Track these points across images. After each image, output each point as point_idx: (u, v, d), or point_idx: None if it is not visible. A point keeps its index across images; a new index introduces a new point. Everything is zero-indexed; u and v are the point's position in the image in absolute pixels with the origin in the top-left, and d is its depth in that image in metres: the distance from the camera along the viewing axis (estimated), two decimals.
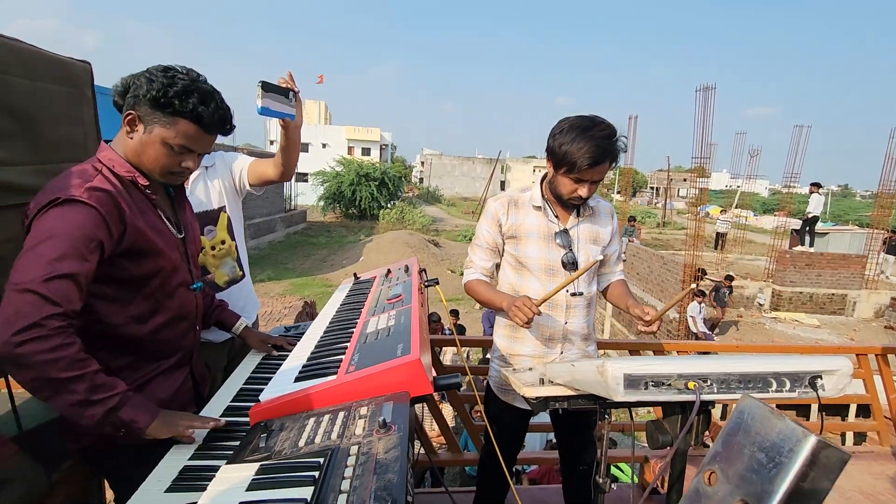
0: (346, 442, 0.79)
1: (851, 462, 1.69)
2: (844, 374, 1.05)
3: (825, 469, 0.31)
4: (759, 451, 0.33)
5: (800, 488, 0.30)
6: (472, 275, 1.82)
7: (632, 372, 1.00)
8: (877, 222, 15.80)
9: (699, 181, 14.42)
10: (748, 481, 0.32)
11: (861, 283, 12.70)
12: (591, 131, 1.51)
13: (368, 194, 26.82)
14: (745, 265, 15.28)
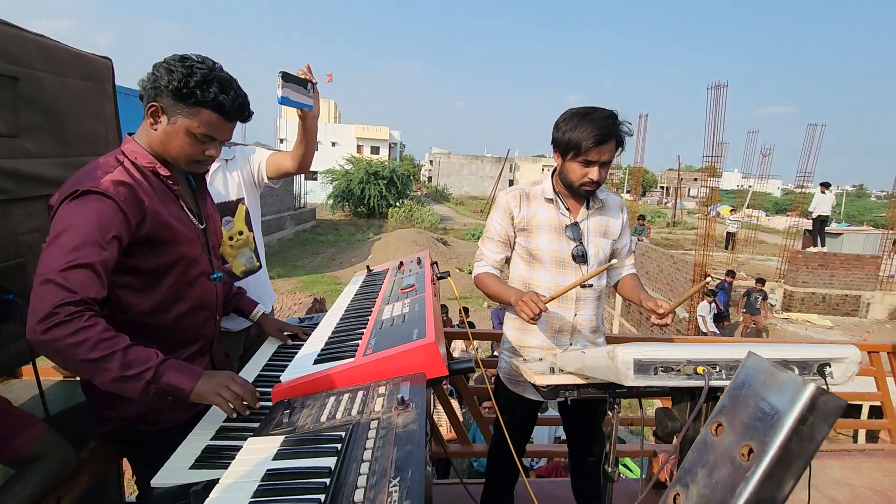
0: (366, 417, 0.82)
1: (862, 459, 1.71)
2: (852, 363, 1.07)
3: (823, 414, 0.33)
4: (762, 402, 0.35)
5: (799, 430, 0.32)
6: (482, 268, 1.84)
7: (642, 357, 1.02)
8: (892, 223, 15.56)
9: (710, 181, 14.31)
10: (752, 428, 0.35)
11: (875, 285, 12.53)
12: (592, 114, 1.56)
13: (377, 193, 26.97)
14: (756, 265, 15.14)
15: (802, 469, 0.34)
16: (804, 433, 0.33)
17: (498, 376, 1.92)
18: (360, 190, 26.95)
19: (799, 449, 0.33)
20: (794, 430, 0.33)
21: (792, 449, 0.33)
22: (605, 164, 1.63)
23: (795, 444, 0.33)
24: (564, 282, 1.73)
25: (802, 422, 0.33)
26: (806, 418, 0.33)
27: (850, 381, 1.08)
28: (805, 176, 17.14)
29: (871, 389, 2.94)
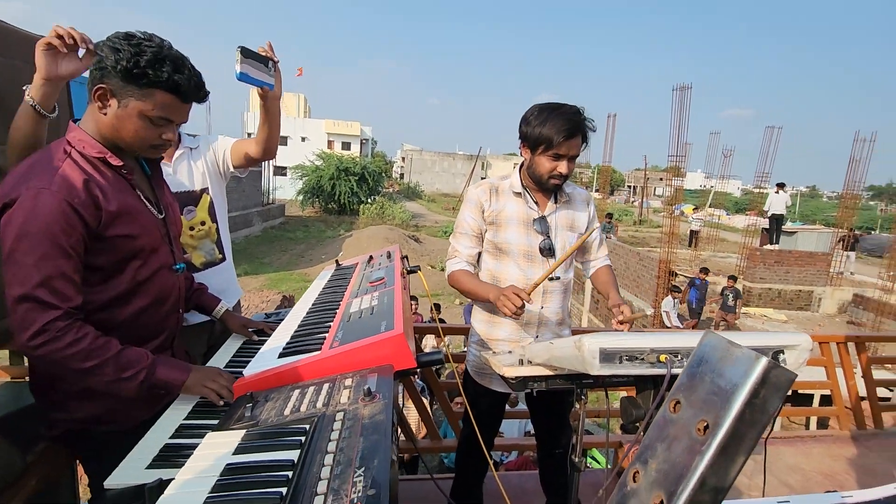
0: (332, 409, 0.80)
1: (813, 445, 1.80)
2: (804, 349, 1.11)
3: (775, 387, 0.34)
4: (718, 377, 0.36)
5: (752, 403, 0.33)
6: (456, 265, 1.84)
7: (607, 346, 1.04)
8: (841, 222, 16.45)
9: (675, 180, 14.77)
10: (709, 403, 0.36)
11: (826, 280, 13.21)
12: (559, 109, 1.59)
13: (348, 189, 26.64)
14: (717, 262, 15.70)
15: (755, 441, 0.35)
16: (757, 406, 0.34)
17: (466, 370, 1.93)
18: (331, 186, 26.57)
19: (752, 420, 0.34)
20: (747, 404, 0.33)
21: (745, 421, 0.34)
22: (572, 158, 1.65)
23: (749, 416, 0.34)
24: (533, 275, 1.75)
25: (755, 395, 0.34)
26: (758, 391, 0.34)
27: (802, 368, 1.13)
28: (762, 176, 17.90)
29: (822, 379, 3.10)
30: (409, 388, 2.47)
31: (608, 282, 1.85)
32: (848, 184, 15.94)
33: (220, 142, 1.81)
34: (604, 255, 1.94)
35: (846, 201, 16.59)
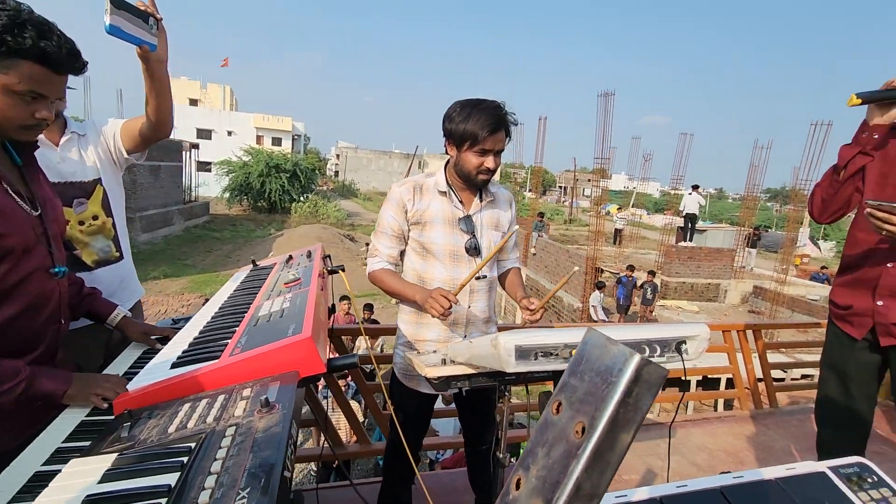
0: (224, 424, 0.73)
1: (718, 426, 1.91)
2: (703, 339, 1.18)
3: (647, 384, 0.34)
4: (595, 376, 0.35)
5: (626, 402, 0.33)
6: (377, 264, 1.79)
7: (522, 343, 1.04)
8: (744, 221, 18.16)
9: (602, 182, 15.58)
10: (586, 403, 0.35)
11: (731, 274, 14.51)
12: (482, 105, 1.58)
13: (279, 186, 25.55)
14: (639, 259, 16.75)
15: (628, 442, 0.34)
16: (630, 405, 0.33)
17: (393, 372, 1.88)
18: (260, 183, 25.35)
19: (626, 420, 0.33)
20: (620, 403, 0.33)
21: (619, 422, 0.33)
22: (498, 153, 1.65)
23: (622, 416, 0.33)
24: (459, 275, 1.74)
25: (628, 393, 0.33)
26: (631, 390, 0.33)
27: (712, 355, 1.20)
28: (677, 179, 19.37)
29: (726, 364, 3.38)
30: (337, 393, 2.38)
31: (517, 283, 1.89)
32: (749, 186, 17.65)
33: (110, 125, 1.64)
34: (516, 257, 1.97)
35: (747, 202, 18.36)
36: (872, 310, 1.54)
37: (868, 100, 1.44)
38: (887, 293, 1.51)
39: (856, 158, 1.54)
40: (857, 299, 1.58)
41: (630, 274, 11.61)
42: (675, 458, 2.71)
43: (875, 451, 2.78)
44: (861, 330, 1.58)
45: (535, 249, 14.54)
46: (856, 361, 1.63)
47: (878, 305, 1.53)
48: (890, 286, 1.51)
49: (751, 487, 0.86)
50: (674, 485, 0.85)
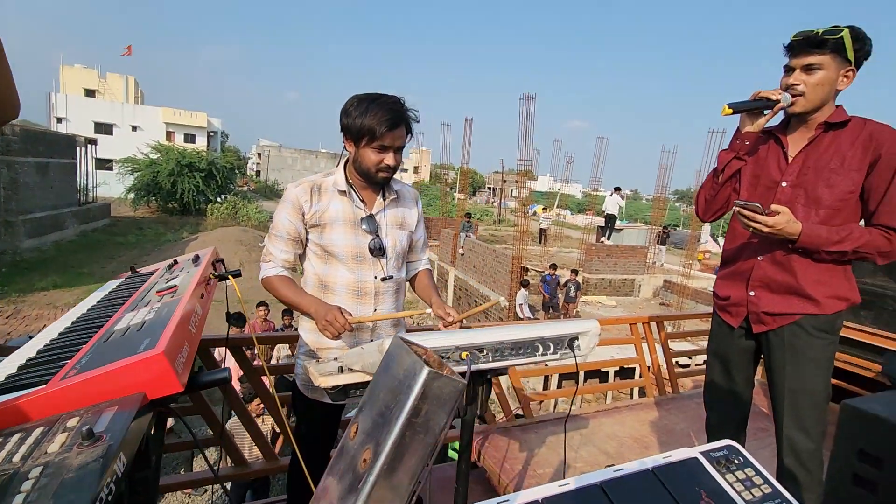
0: (30, 464, 0.61)
1: (627, 414, 1.96)
2: (594, 335, 1.20)
3: (439, 400, 0.30)
4: (388, 393, 0.31)
5: (412, 424, 0.28)
6: (271, 269, 1.67)
7: None
8: (655, 220, 19.62)
9: (528, 183, 16.11)
10: (377, 426, 0.30)
11: (644, 270, 15.60)
12: (379, 100, 1.52)
13: (193, 186, 23.80)
14: (562, 257, 17.52)
15: (424, 462, 0.30)
16: (419, 425, 0.29)
17: (295, 384, 1.77)
18: (171, 183, 23.46)
19: (415, 444, 0.29)
20: (406, 426, 0.28)
21: (406, 447, 0.28)
22: (399, 150, 1.60)
23: (409, 440, 0.28)
24: (364, 277, 1.66)
25: (415, 413, 0.28)
26: (420, 409, 0.29)
27: (593, 351, 1.22)
28: (596, 181, 20.51)
29: (634, 356, 3.58)
30: (237, 407, 2.21)
31: (428, 286, 1.85)
32: (658, 188, 19.10)
33: None
34: (425, 259, 1.93)
35: (658, 203, 19.85)
36: (746, 300, 1.67)
37: (738, 110, 1.55)
38: (758, 284, 1.64)
39: (731, 163, 1.66)
40: (734, 290, 1.71)
41: (553, 272, 12.09)
42: (588, 448, 2.81)
43: (760, 428, 3.06)
44: (738, 319, 1.71)
45: (464, 250, 14.73)
46: (736, 348, 1.76)
47: (750, 296, 1.66)
48: (760, 277, 1.64)
49: (629, 480, 0.87)
50: (556, 484, 0.84)
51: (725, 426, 1.87)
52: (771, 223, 1.43)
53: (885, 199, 1.45)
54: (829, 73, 1.47)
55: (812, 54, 1.46)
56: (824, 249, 1.47)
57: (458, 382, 0.30)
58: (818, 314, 1.56)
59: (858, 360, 3.35)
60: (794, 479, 1.63)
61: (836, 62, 1.46)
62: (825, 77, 1.47)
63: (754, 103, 1.54)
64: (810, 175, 1.55)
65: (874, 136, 1.47)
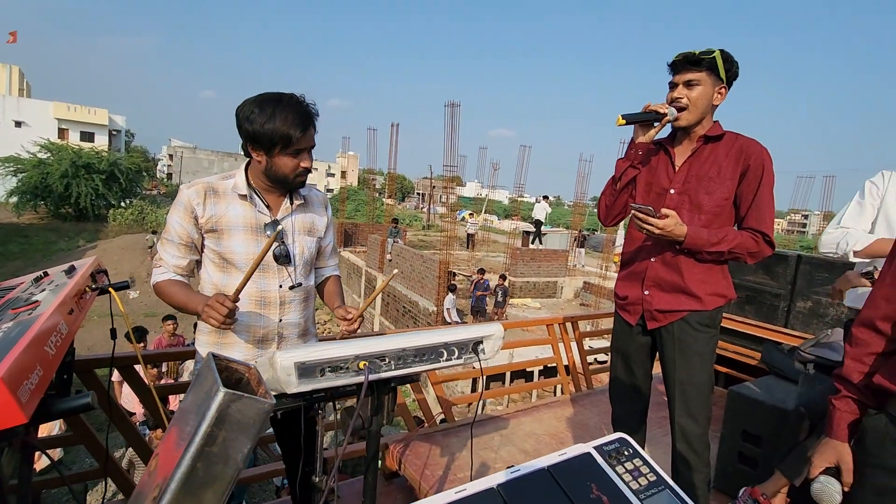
0: None
1: (545, 411, 2.00)
2: (498, 338, 1.22)
3: (240, 425, 0.27)
4: (191, 415, 0.28)
5: (207, 455, 0.26)
6: (162, 275, 1.54)
7: (305, 359, 0.94)
8: (575, 225, 20.71)
9: (456, 189, 16.33)
10: (173, 455, 0.27)
11: (566, 272, 16.38)
12: (283, 101, 1.45)
13: (91, 190, 21.53)
14: (490, 261, 17.94)
15: (224, 495, 0.27)
16: (215, 455, 0.26)
17: None
18: (64, 186, 21.06)
19: (209, 476, 0.26)
20: (198, 456, 0.25)
21: (199, 481, 0.25)
22: (311, 149, 1.54)
23: (203, 472, 0.25)
24: (267, 287, 1.58)
25: (210, 441, 0.26)
26: (215, 436, 0.26)
27: (497, 354, 1.24)
28: (520, 187, 21.30)
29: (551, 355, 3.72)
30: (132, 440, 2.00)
31: (335, 292, 1.80)
32: (577, 194, 20.21)
33: None
34: (334, 265, 1.87)
35: (577, 209, 20.99)
36: (642, 298, 1.79)
37: (631, 121, 1.67)
38: (651, 284, 1.77)
39: (627, 171, 1.78)
40: (631, 290, 1.83)
41: (481, 277, 12.34)
42: (507, 447, 2.87)
43: (663, 416, 3.30)
44: (635, 317, 1.83)
45: (391, 256, 14.62)
46: (635, 344, 1.87)
47: (645, 295, 1.78)
48: (653, 277, 1.76)
49: (525, 480, 0.89)
50: (453, 491, 0.83)
51: (629, 418, 1.98)
52: (661, 225, 1.55)
53: (753, 205, 1.64)
54: (706, 88, 1.64)
55: (691, 71, 1.63)
56: (705, 250, 1.61)
57: (262, 403, 0.27)
58: (701, 310, 1.71)
59: (744, 349, 3.73)
60: (685, 462, 1.77)
61: (711, 79, 1.64)
62: (703, 92, 1.64)
63: (645, 115, 1.66)
64: (693, 183, 1.70)
65: (744, 150, 1.65)
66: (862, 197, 1.84)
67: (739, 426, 2.48)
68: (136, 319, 11.09)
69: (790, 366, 2.66)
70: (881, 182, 1.81)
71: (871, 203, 1.80)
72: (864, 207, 1.81)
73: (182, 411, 0.29)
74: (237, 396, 0.26)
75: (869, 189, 1.83)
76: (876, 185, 1.82)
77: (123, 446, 4.57)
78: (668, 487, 0.99)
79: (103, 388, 1.84)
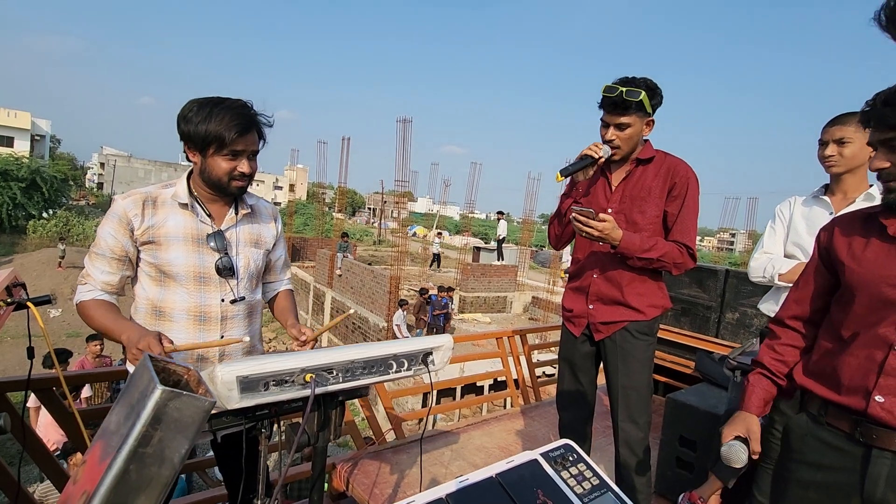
0: None
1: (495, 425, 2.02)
2: (447, 349, 1.23)
3: (177, 424, 0.27)
4: (121, 421, 0.26)
5: (141, 456, 0.25)
6: (88, 293, 1.43)
7: (248, 373, 0.91)
8: (524, 241, 21.22)
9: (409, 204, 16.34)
10: (106, 458, 0.26)
11: (515, 287, 16.71)
12: (223, 103, 1.41)
13: (8, 199, 19.76)
14: (441, 277, 17.99)
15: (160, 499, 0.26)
16: (149, 456, 0.25)
17: None
18: None
19: (142, 480, 0.25)
20: (131, 458, 0.24)
21: (132, 485, 0.24)
22: (253, 155, 1.49)
23: (136, 474, 0.24)
24: (208, 301, 1.50)
25: (145, 441, 0.25)
26: (150, 436, 0.25)
27: (446, 366, 1.24)
28: (471, 203, 21.62)
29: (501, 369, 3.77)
30: (41, 461, 1.82)
31: (287, 307, 1.74)
32: (526, 211, 20.76)
33: None
34: (286, 279, 1.82)
35: (526, 225, 21.54)
36: (587, 312, 1.87)
37: (569, 174, 1.76)
38: (595, 298, 1.85)
39: (571, 206, 1.88)
40: (576, 304, 1.91)
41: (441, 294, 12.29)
42: (458, 462, 2.86)
43: (608, 426, 3.41)
44: (580, 328, 1.90)
45: (341, 270, 14.35)
46: (580, 353, 1.94)
47: (589, 308, 1.86)
48: (596, 292, 1.85)
49: (473, 489, 0.89)
50: (404, 502, 0.82)
51: (576, 423, 2.04)
52: (599, 227, 1.63)
53: (678, 220, 1.77)
54: (636, 127, 1.77)
55: (622, 115, 1.74)
56: (637, 255, 1.71)
57: (202, 401, 0.26)
58: (640, 320, 1.80)
59: (680, 359, 3.93)
60: (628, 466, 1.84)
61: (640, 118, 1.76)
62: (634, 132, 1.77)
63: (581, 163, 1.76)
64: (627, 203, 1.82)
65: (671, 169, 1.79)
66: (774, 222, 2.03)
67: (677, 432, 2.60)
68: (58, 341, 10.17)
69: (721, 373, 2.84)
70: (787, 207, 2.00)
71: (781, 226, 1.99)
72: (776, 231, 1.99)
73: (107, 424, 0.27)
74: (175, 394, 0.24)
75: (778, 213, 2.02)
76: (783, 210, 2.01)
77: (38, 480, 4.14)
78: (611, 490, 1.02)
79: (17, 414, 1.67)
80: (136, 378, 0.28)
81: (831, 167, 1.79)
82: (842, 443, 1.11)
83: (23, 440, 1.52)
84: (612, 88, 1.73)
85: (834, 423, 1.13)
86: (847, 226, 1.19)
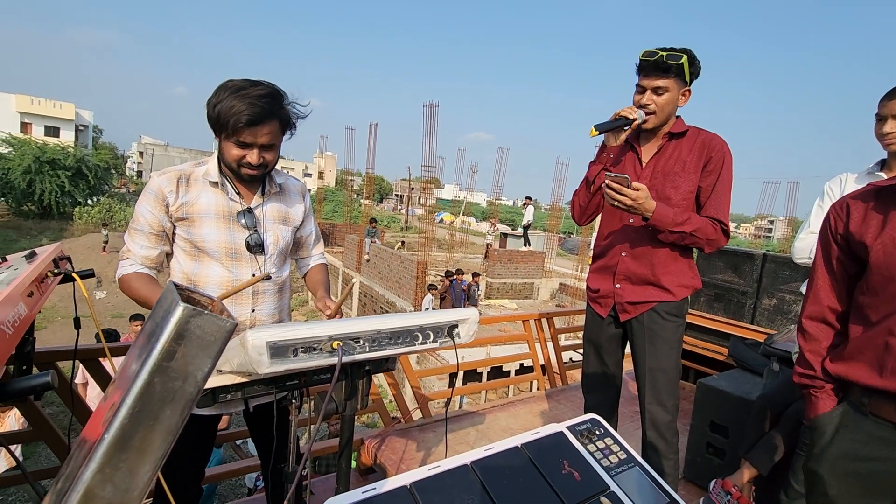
0: None
1: (521, 407, 2.02)
2: (473, 322, 1.23)
3: (200, 341, 0.27)
4: (145, 341, 0.27)
5: (165, 370, 0.25)
6: (129, 267, 1.48)
7: (277, 339, 0.93)
8: (551, 228, 20.95)
9: (436, 191, 16.37)
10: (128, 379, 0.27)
11: (542, 274, 16.56)
12: (246, 90, 1.39)
13: (56, 187, 20.75)
14: (468, 262, 18.00)
15: (183, 417, 0.27)
16: (172, 370, 0.25)
17: None
18: (27, 182, 20.26)
19: (165, 393, 0.25)
20: (156, 371, 0.25)
21: (155, 397, 0.25)
22: (266, 147, 1.47)
23: (160, 387, 0.25)
24: (241, 275, 1.54)
25: (169, 356, 0.25)
26: (174, 351, 0.25)
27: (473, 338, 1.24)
28: (498, 189, 21.45)
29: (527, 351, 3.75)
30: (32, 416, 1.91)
31: (319, 280, 1.77)
32: (554, 197, 20.46)
33: None
34: (319, 254, 1.85)
35: (554, 212, 21.26)
36: (613, 292, 1.83)
37: (603, 130, 1.70)
38: (622, 277, 1.81)
39: (600, 174, 1.82)
40: (603, 283, 1.87)
41: (460, 277, 12.35)
42: (483, 442, 2.88)
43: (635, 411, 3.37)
44: (606, 309, 1.87)
45: (369, 256, 14.53)
46: (606, 335, 1.91)
47: (616, 288, 1.82)
48: (624, 271, 1.80)
49: (497, 457, 0.90)
50: (427, 468, 0.84)
51: (601, 407, 2.01)
52: (633, 196, 1.58)
53: (713, 195, 1.70)
54: (673, 94, 1.69)
55: (660, 78, 1.67)
56: (669, 228, 1.65)
57: (223, 321, 0.27)
58: (669, 301, 1.75)
59: (712, 345, 3.83)
60: (655, 449, 1.81)
61: (677, 84, 1.69)
62: (670, 97, 1.69)
63: (616, 123, 1.70)
64: (659, 178, 1.75)
65: (705, 144, 1.72)
66: (822, 200, 1.92)
67: (708, 417, 2.54)
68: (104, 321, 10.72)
69: (755, 359, 2.75)
70: (838, 185, 1.89)
71: (830, 204, 1.89)
72: (824, 210, 1.89)
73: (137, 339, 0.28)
74: (197, 312, 0.25)
75: (827, 191, 1.91)
76: (833, 188, 1.90)
77: None
78: (638, 465, 1.01)
79: (65, 379, 1.78)
80: (161, 302, 0.29)
81: (890, 144, 1.67)
82: (888, 433, 1.05)
83: (72, 406, 1.61)
84: (651, 53, 1.67)
85: (878, 413, 1.07)
86: (861, 205, 1.11)
